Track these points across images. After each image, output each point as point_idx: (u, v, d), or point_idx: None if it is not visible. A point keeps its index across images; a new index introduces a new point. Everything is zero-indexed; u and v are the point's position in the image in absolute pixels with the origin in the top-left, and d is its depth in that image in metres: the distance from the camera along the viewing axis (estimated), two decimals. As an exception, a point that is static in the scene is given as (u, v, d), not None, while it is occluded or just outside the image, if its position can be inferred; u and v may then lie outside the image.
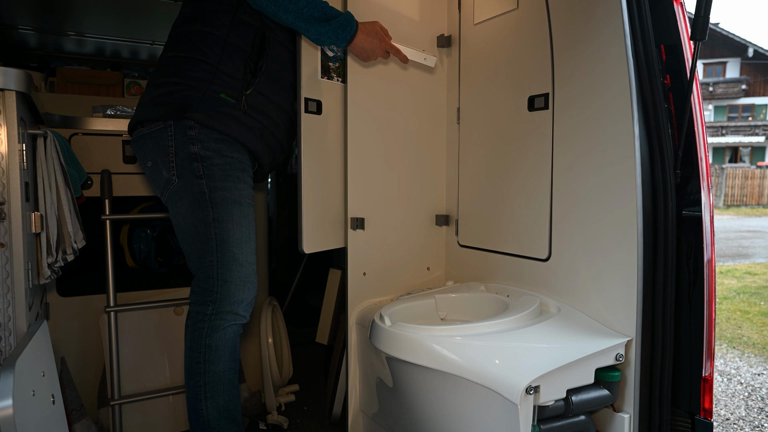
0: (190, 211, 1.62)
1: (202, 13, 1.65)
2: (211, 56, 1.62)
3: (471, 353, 1.39)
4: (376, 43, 1.78)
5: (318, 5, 1.64)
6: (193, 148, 1.60)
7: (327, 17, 1.66)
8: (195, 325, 1.64)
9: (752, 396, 2.90)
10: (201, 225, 1.61)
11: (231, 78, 1.64)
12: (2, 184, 1.33)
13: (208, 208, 1.60)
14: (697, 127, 1.48)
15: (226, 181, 1.62)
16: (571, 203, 1.64)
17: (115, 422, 1.93)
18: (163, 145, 1.62)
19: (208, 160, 1.60)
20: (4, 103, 1.32)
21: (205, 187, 1.60)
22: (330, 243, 1.97)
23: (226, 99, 1.63)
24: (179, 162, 1.61)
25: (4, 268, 1.34)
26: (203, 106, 1.60)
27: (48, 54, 3.56)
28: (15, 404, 1.01)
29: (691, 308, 1.47)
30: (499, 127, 1.92)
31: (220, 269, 1.61)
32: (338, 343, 2.25)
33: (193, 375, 1.65)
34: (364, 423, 2.02)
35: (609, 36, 1.49)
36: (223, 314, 1.63)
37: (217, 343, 1.64)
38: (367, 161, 1.97)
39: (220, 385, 1.65)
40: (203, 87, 1.61)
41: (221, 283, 1.61)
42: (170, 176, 1.62)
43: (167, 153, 1.61)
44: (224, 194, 1.61)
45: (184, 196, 1.62)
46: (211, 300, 1.61)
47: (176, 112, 1.60)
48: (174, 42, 1.69)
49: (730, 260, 7.51)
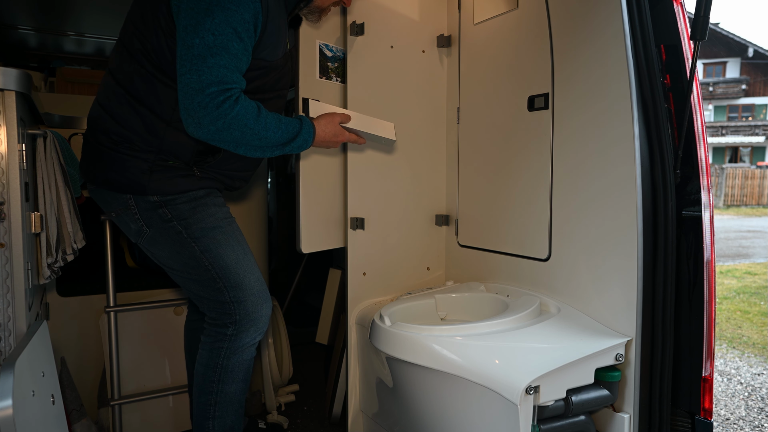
0: (175, 252, 1.58)
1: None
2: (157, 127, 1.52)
3: (471, 353, 1.39)
4: (333, 131, 1.66)
5: (272, 139, 1.49)
6: (152, 198, 1.54)
7: (288, 138, 1.53)
8: (214, 344, 1.60)
9: (752, 396, 2.90)
10: (191, 260, 1.57)
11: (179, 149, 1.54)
12: (2, 184, 1.33)
13: (191, 244, 1.56)
14: (697, 127, 1.48)
15: (196, 213, 1.57)
16: (571, 203, 1.64)
17: (115, 422, 1.92)
18: (121, 199, 1.56)
19: (171, 203, 1.55)
20: (3, 103, 1.32)
21: (180, 227, 1.55)
22: (329, 243, 1.97)
23: (174, 165, 1.55)
24: (143, 213, 1.55)
25: (3, 268, 1.34)
26: (154, 180, 1.53)
27: (48, 54, 3.56)
28: (15, 404, 1.01)
29: (691, 308, 1.47)
30: (499, 126, 1.92)
31: (231, 292, 1.58)
32: (338, 343, 2.25)
33: (204, 393, 1.62)
34: (364, 423, 2.02)
35: (609, 36, 1.49)
36: (243, 333, 1.60)
37: (234, 366, 1.61)
38: (367, 161, 1.97)
39: (230, 405, 1.63)
40: (151, 159, 1.52)
41: (237, 305, 1.58)
42: (139, 227, 1.57)
43: (128, 206, 1.56)
44: (200, 226, 1.57)
45: (161, 241, 1.58)
46: (231, 321, 1.58)
47: (129, 191, 1.54)
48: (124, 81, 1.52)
49: (730, 260, 7.51)
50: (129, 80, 1.50)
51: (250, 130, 1.44)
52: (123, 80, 1.51)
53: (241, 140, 1.45)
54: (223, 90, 1.38)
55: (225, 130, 1.41)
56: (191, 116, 1.39)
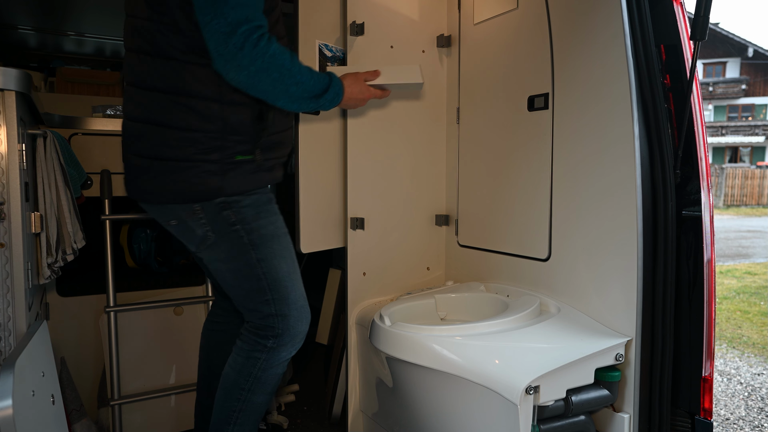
0: (231, 257, 1.53)
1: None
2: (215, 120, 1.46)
3: (471, 353, 1.39)
4: (359, 88, 1.67)
5: (308, 85, 1.48)
6: (219, 200, 1.49)
7: (321, 90, 1.52)
8: (252, 353, 1.57)
9: (752, 396, 2.90)
10: (246, 268, 1.53)
11: (241, 135, 1.50)
12: (2, 184, 1.33)
13: (250, 250, 1.52)
14: (697, 127, 1.48)
15: (259, 219, 1.54)
16: (571, 203, 1.64)
17: (115, 422, 1.93)
18: (187, 205, 1.48)
19: (236, 205, 1.51)
20: (4, 103, 1.32)
21: (242, 232, 1.51)
22: (328, 243, 1.97)
23: (242, 160, 1.50)
24: (210, 217, 1.49)
25: (3, 268, 1.34)
26: (228, 180, 1.48)
27: (48, 54, 3.56)
28: (15, 404, 1.01)
29: (691, 308, 1.47)
30: (499, 127, 1.92)
31: (278, 305, 1.55)
32: (338, 343, 2.25)
33: (231, 398, 1.59)
34: (364, 423, 2.02)
35: (609, 36, 1.49)
36: (281, 348, 1.58)
37: (267, 378, 1.59)
38: (367, 161, 1.97)
39: (253, 415, 1.62)
40: (218, 158, 1.47)
41: (281, 319, 1.56)
42: (205, 233, 1.51)
43: (194, 211, 1.48)
44: (261, 233, 1.53)
45: (221, 246, 1.52)
46: (273, 334, 1.56)
47: (203, 198, 1.47)
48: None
49: (730, 260, 7.51)
50: (163, 80, 1.44)
51: (288, 72, 1.42)
52: (156, 84, 1.45)
53: (280, 83, 1.42)
54: (254, 28, 1.35)
55: (264, 72, 1.39)
56: (229, 61, 1.35)
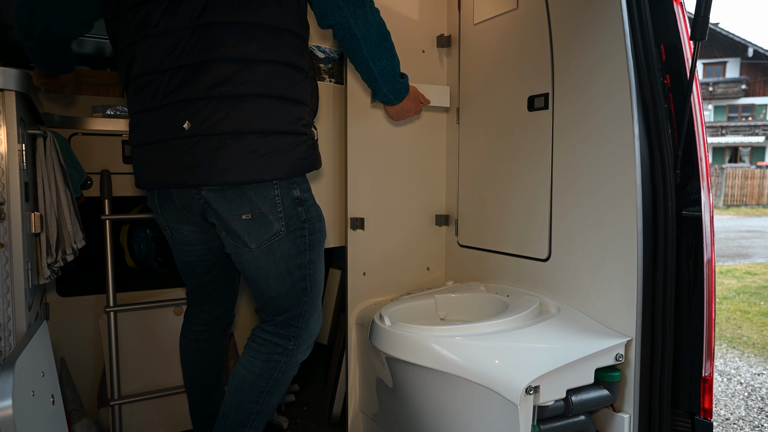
0: (286, 256, 1.50)
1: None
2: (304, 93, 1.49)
3: (471, 353, 1.39)
4: (413, 105, 1.90)
5: (396, 57, 1.66)
6: (295, 192, 1.48)
7: (399, 71, 1.71)
8: (271, 356, 1.56)
9: (752, 396, 2.90)
10: (296, 269, 1.52)
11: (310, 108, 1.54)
12: (2, 184, 1.33)
13: (306, 251, 1.52)
14: (697, 127, 1.48)
15: (320, 221, 1.56)
16: (571, 203, 1.64)
17: (115, 422, 1.92)
18: (269, 195, 1.43)
19: (307, 202, 1.51)
20: (3, 103, 1.31)
21: (307, 231, 1.51)
22: (328, 242, 1.97)
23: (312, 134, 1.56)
24: (287, 210, 1.46)
25: (3, 268, 1.34)
26: (315, 156, 1.53)
27: (48, 54, 3.55)
28: (15, 404, 1.01)
29: (691, 308, 1.47)
30: (499, 127, 1.92)
31: (307, 308, 1.56)
32: (338, 343, 2.25)
33: (250, 401, 1.57)
34: (364, 423, 2.02)
35: (609, 36, 1.49)
36: (299, 349, 1.58)
37: (285, 380, 1.59)
38: (366, 161, 1.97)
39: (267, 416, 1.61)
40: (310, 132, 1.51)
41: (305, 320, 1.57)
42: (280, 227, 1.47)
43: (274, 203, 1.44)
44: (319, 236, 1.55)
45: (284, 242, 1.49)
46: (294, 335, 1.56)
47: (295, 173, 1.47)
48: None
49: (730, 260, 7.51)
50: (272, 52, 1.40)
51: (387, 33, 1.59)
52: (268, 57, 1.39)
53: (385, 41, 1.58)
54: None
55: (381, 24, 1.56)
56: (360, 6, 1.48)
